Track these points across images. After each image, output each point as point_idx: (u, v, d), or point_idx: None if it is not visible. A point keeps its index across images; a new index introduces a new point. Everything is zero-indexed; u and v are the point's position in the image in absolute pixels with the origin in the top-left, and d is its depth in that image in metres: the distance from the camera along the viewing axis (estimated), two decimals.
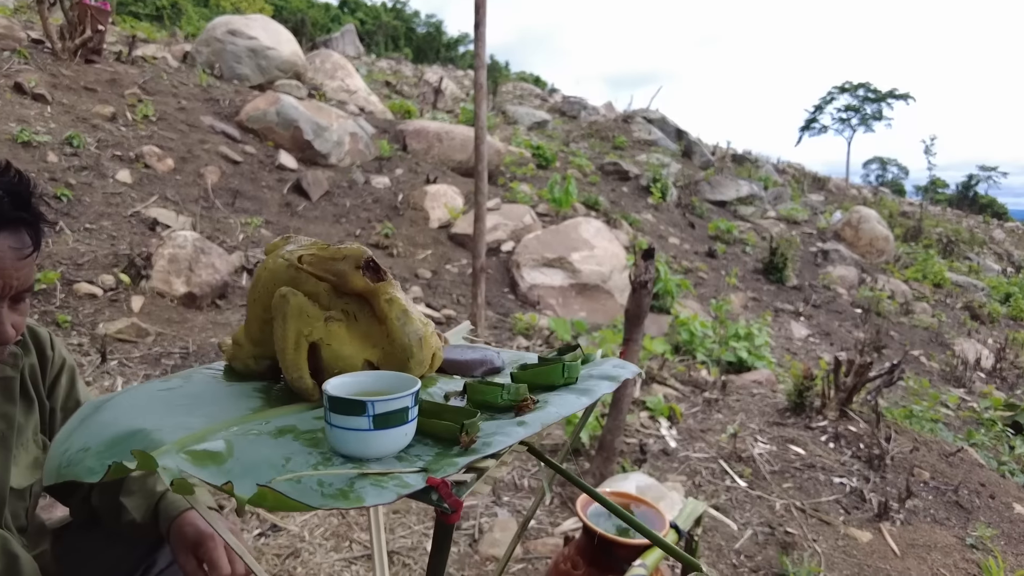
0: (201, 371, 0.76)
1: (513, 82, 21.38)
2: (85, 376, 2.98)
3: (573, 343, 0.87)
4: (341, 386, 0.60)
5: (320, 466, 0.52)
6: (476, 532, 2.54)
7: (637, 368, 0.82)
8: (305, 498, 0.46)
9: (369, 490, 0.49)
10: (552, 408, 0.67)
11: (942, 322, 9.09)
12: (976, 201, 36.85)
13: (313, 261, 0.69)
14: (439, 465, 0.54)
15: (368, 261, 0.69)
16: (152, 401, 0.63)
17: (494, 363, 0.84)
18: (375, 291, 0.69)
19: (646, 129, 14.02)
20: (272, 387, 0.73)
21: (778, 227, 11.52)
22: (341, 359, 0.68)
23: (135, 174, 5.29)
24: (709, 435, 3.72)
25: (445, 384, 0.77)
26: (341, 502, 0.47)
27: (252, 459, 0.51)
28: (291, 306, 0.67)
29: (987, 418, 4.98)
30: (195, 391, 0.67)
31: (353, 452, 0.55)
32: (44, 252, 3.86)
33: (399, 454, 0.57)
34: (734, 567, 2.56)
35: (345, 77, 10.11)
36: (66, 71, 6.21)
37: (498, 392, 0.67)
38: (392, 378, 0.63)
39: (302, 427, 0.59)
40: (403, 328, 0.69)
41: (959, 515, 3.13)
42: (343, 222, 6.26)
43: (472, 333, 1.15)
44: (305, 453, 0.54)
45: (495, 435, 0.60)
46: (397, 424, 0.55)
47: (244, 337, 0.74)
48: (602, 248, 6.51)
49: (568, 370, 0.75)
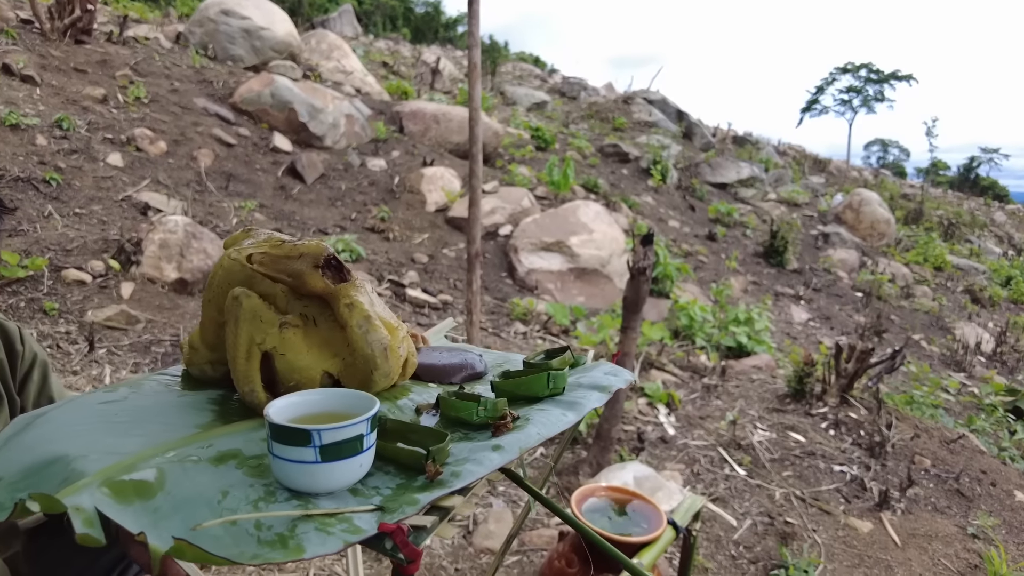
0: (154, 379, 0.70)
1: (512, 62, 21.12)
2: (72, 365, 2.92)
3: (562, 345, 0.80)
4: (287, 408, 0.53)
5: (261, 502, 0.46)
6: (471, 524, 2.50)
7: (631, 376, 0.76)
8: (238, 546, 0.40)
9: (312, 536, 0.43)
10: (533, 428, 0.60)
11: (943, 306, 9.03)
12: (978, 183, 36.65)
13: (265, 261, 0.62)
14: (397, 504, 0.47)
15: (328, 259, 0.62)
16: (89, 418, 0.56)
17: (475, 368, 0.77)
18: (335, 294, 0.62)
19: (646, 110, 13.86)
20: (229, 397, 0.66)
21: (779, 210, 11.42)
22: (297, 371, 0.62)
23: (126, 157, 5.19)
24: (708, 422, 3.68)
25: (419, 394, 0.71)
26: (278, 552, 0.41)
27: (185, 493, 0.45)
28: (243, 310, 0.60)
29: (988, 403, 4.94)
30: (141, 404, 0.61)
31: (299, 487, 0.48)
32: (32, 238, 3.80)
33: (354, 486, 0.51)
34: (733, 558, 2.52)
35: (341, 58, 9.95)
36: (55, 52, 6.09)
37: (473, 408, 0.61)
38: (349, 397, 0.56)
39: (248, 452, 0.53)
40: (365, 337, 0.62)
41: (960, 504, 3.10)
42: (338, 205, 6.18)
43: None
44: (246, 485, 0.48)
45: (466, 462, 0.53)
46: (349, 455, 0.49)
47: (200, 341, 0.68)
48: (601, 232, 6.43)
49: (554, 380, 0.69)
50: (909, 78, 38.31)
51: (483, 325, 4.76)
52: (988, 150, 42.10)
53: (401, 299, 4.85)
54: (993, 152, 42.03)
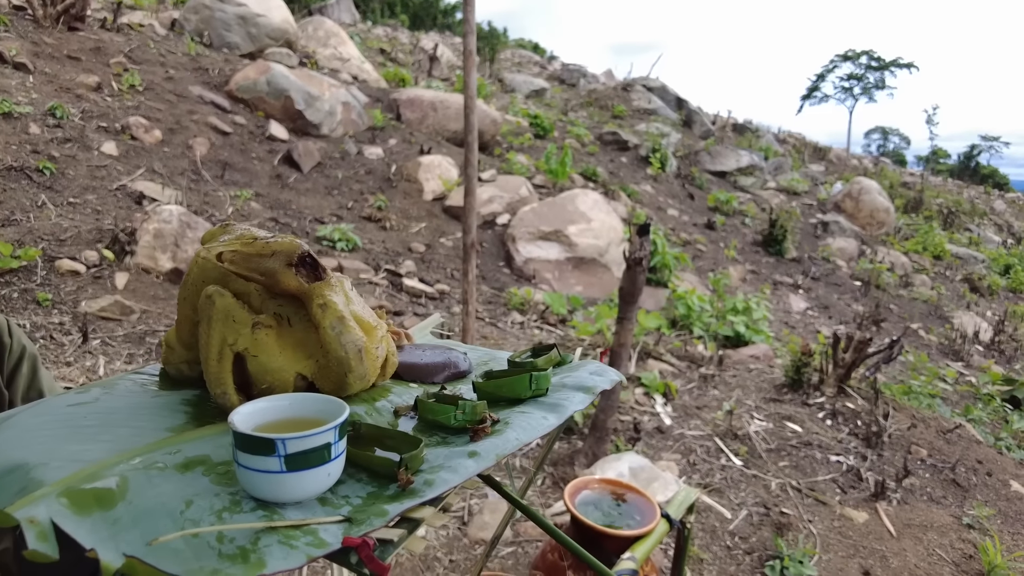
0: (129, 378, 0.68)
1: (511, 49, 20.98)
2: (66, 356, 2.91)
3: (548, 344, 0.79)
4: (253, 415, 0.52)
5: (226, 512, 0.44)
6: (465, 515, 2.50)
7: (617, 376, 0.74)
8: (198, 561, 0.38)
9: (275, 550, 0.41)
10: (512, 433, 0.59)
11: (941, 295, 9.02)
12: (978, 172, 36.55)
13: (236, 259, 0.60)
14: (366, 515, 0.46)
15: (303, 257, 0.60)
16: (55, 422, 0.55)
17: (459, 367, 0.76)
18: (309, 293, 0.60)
19: (646, 98, 13.79)
20: (205, 398, 0.64)
21: (778, 198, 11.39)
22: (269, 373, 0.60)
23: (121, 146, 5.15)
24: (705, 412, 3.67)
25: (399, 395, 0.69)
26: (238, 567, 0.39)
27: (147, 503, 0.43)
28: (216, 309, 0.58)
29: (985, 393, 4.94)
30: (112, 406, 0.59)
31: (264, 496, 0.47)
32: (25, 228, 3.77)
33: (323, 495, 0.49)
34: (728, 549, 2.52)
35: (338, 45, 9.87)
36: (48, 39, 6.03)
37: (451, 411, 0.59)
38: (319, 403, 0.54)
39: (216, 458, 0.51)
40: (338, 338, 0.60)
41: (956, 493, 3.10)
42: (335, 194, 6.14)
43: (442, 328, 1.07)
44: (212, 494, 0.47)
45: (441, 470, 0.52)
46: (316, 464, 0.47)
47: (176, 340, 0.66)
48: (599, 221, 6.40)
49: (536, 381, 0.67)
50: (910, 66, 38.10)
51: (480, 315, 4.74)
52: (989, 138, 41.95)
53: (398, 289, 4.83)
54: (994, 140, 41.87)
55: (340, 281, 0.64)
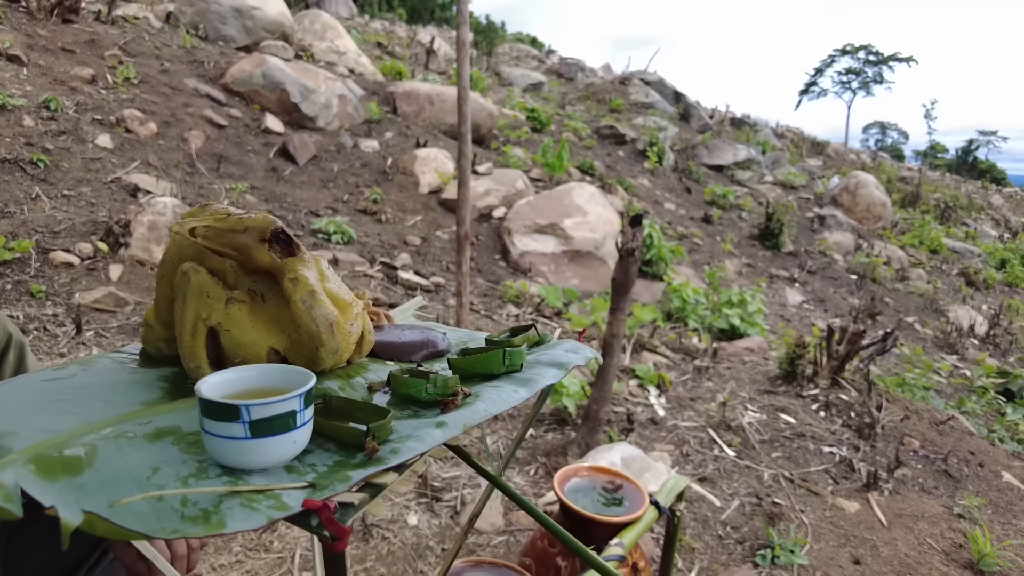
0: (108, 356, 0.68)
1: (510, 43, 20.94)
2: (60, 348, 2.91)
3: (527, 324, 0.79)
4: (220, 384, 0.52)
5: (192, 479, 0.45)
6: (458, 504, 2.51)
7: (592, 353, 0.75)
8: (160, 522, 0.39)
9: (236, 512, 0.42)
10: (482, 405, 0.59)
11: (937, 289, 9.04)
12: (976, 166, 36.57)
13: (209, 234, 0.60)
14: (329, 480, 0.46)
15: (276, 233, 0.61)
16: (28, 396, 0.55)
17: (437, 346, 0.76)
18: (281, 268, 0.61)
19: (643, 92, 13.77)
20: (183, 376, 0.65)
21: (775, 192, 11.39)
22: (242, 347, 0.60)
23: (116, 139, 5.14)
24: (698, 404, 3.68)
25: (375, 372, 0.69)
26: (199, 527, 0.40)
27: (114, 470, 0.44)
28: (191, 285, 0.59)
29: (979, 385, 4.96)
30: (88, 382, 0.60)
31: (230, 463, 0.47)
32: (18, 220, 3.77)
33: (291, 463, 0.50)
34: (720, 539, 2.53)
35: (335, 38, 9.84)
36: (42, 31, 6.01)
37: (423, 385, 0.60)
38: (286, 373, 0.55)
39: (187, 428, 0.52)
40: (309, 312, 0.60)
41: (947, 484, 3.11)
42: (330, 187, 6.14)
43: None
44: (179, 462, 0.47)
45: (408, 439, 0.52)
46: (281, 431, 0.47)
47: (154, 318, 0.67)
48: (595, 214, 6.41)
49: (510, 356, 0.67)
50: (909, 60, 38.08)
51: (475, 307, 4.75)
52: (986, 133, 41.97)
53: (393, 281, 4.83)
54: (991, 135, 41.90)
55: (315, 259, 0.65)
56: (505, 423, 3.15)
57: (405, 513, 2.41)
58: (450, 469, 2.72)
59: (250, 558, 2.08)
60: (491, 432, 3.09)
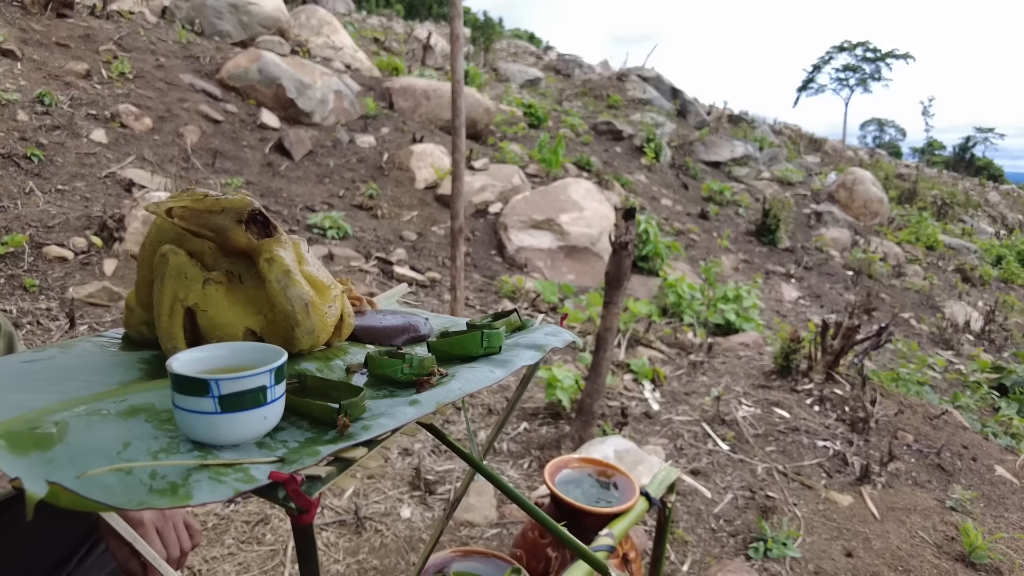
0: (89, 340, 0.69)
1: (507, 39, 20.92)
2: (52, 342, 2.90)
3: (509, 309, 0.79)
4: (193, 362, 0.52)
5: (163, 453, 0.45)
6: (451, 497, 2.51)
7: (571, 336, 0.75)
8: (127, 494, 0.39)
9: (204, 485, 0.42)
10: (456, 384, 0.59)
11: (933, 284, 9.06)
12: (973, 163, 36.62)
13: (186, 215, 0.60)
14: (299, 455, 0.47)
15: (253, 214, 0.61)
16: (5, 375, 0.55)
17: (419, 330, 0.76)
18: (257, 249, 0.61)
19: (641, 88, 13.76)
20: (164, 357, 0.65)
21: (772, 188, 11.40)
22: (218, 327, 0.60)
23: (111, 134, 5.13)
24: (693, 398, 3.69)
25: (355, 355, 0.70)
26: (166, 499, 0.40)
27: (84, 445, 0.44)
28: (170, 266, 0.59)
29: (973, 381, 4.97)
30: (66, 363, 0.60)
31: (201, 438, 0.48)
32: (12, 214, 3.76)
33: (262, 440, 0.50)
34: (712, 531, 2.54)
35: (331, 33, 9.82)
36: (36, 25, 5.99)
37: (398, 365, 0.60)
38: (259, 351, 0.55)
39: (161, 406, 0.52)
40: (284, 292, 0.60)
41: (940, 478, 3.12)
42: (326, 182, 6.13)
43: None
44: (151, 438, 0.47)
45: (380, 416, 0.52)
46: (251, 406, 0.48)
47: (135, 301, 0.67)
48: (592, 210, 6.41)
49: (488, 339, 0.67)
50: (906, 56, 38.09)
51: (471, 303, 4.75)
52: (983, 130, 42.02)
53: (389, 277, 4.83)
54: (988, 132, 41.96)
55: (294, 242, 0.65)
56: (498, 416, 3.16)
57: (398, 506, 2.41)
58: (444, 462, 2.73)
59: (242, 550, 2.08)
60: (485, 426, 3.09)
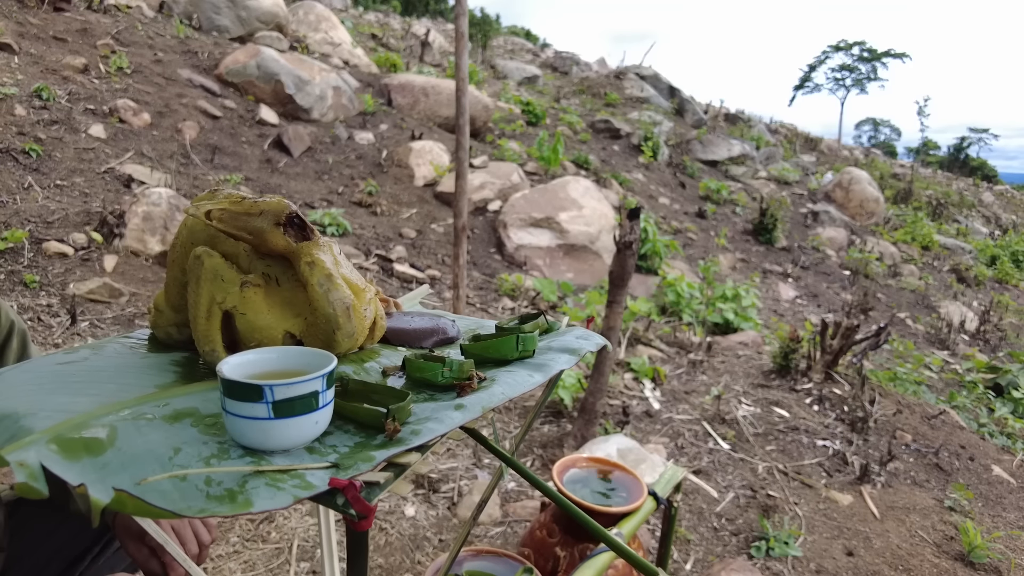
0: (118, 341, 0.68)
1: (504, 36, 20.88)
2: (54, 338, 2.89)
3: (535, 311, 0.80)
4: (242, 366, 0.52)
5: (214, 459, 0.45)
6: (455, 495, 2.52)
7: (602, 339, 0.75)
8: (185, 500, 0.39)
9: (262, 491, 0.42)
10: (498, 388, 0.60)
11: (929, 284, 9.10)
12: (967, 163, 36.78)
13: (224, 217, 0.60)
14: (352, 460, 0.47)
15: (291, 217, 0.61)
16: (42, 378, 0.55)
17: (447, 332, 0.76)
18: (297, 252, 0.61)
19: (638, 86, 13.76)
20: (194, 359, 0.65)
21: (769, 187, 11.42)
22: (257, 330, 0.60)
23: (109, 129, 5.11)
24: (693, 397, 3.70)
25: (387, 357, 0.70)
26: (226, 506, 0.40)
27: (135, 450, 0.44)
28: (205, 269, 0.59)
29: (969, 380, 5.00)
30: (100, 365, 0.60)
31: (252, 444, 0.48)
32: (11, 210, 3.74)
33: (311, 444, 0.50)
34: (715, 530, 2.55)
35: (329, 29, 9.79)
36: (33, 19, 5.95)
37: (439, 369, 0.60)
38: (306, 355, 0.55)
39: (205, 410, 0.52)
40: (326, 296, 0.61)
41: (939, 477, 3.14)
42: (325, 179, 6.12)
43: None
44: (200, 443, 0.47)
45: (427, 421, 0.53)
46: (303, 412, 0.48)
47: (164, 303, 0.67)
48: (591, 208, 6.41)
49: (523, 342, 0.68)
50: (903, 56, 38.21)
51: (470, 300, 4.75)
52: (978, 130, 42.20)
53: (389, 274, 4.83)
54: (983, 132, 42.14)
55: (328, 243, 0.65)
56: (502, 415, 3.16)
57: (402, 504, 2.41)
58: (447, 460, 2.73)
59: (248, 548, 2.08)
60: (484, 424, 3.09)
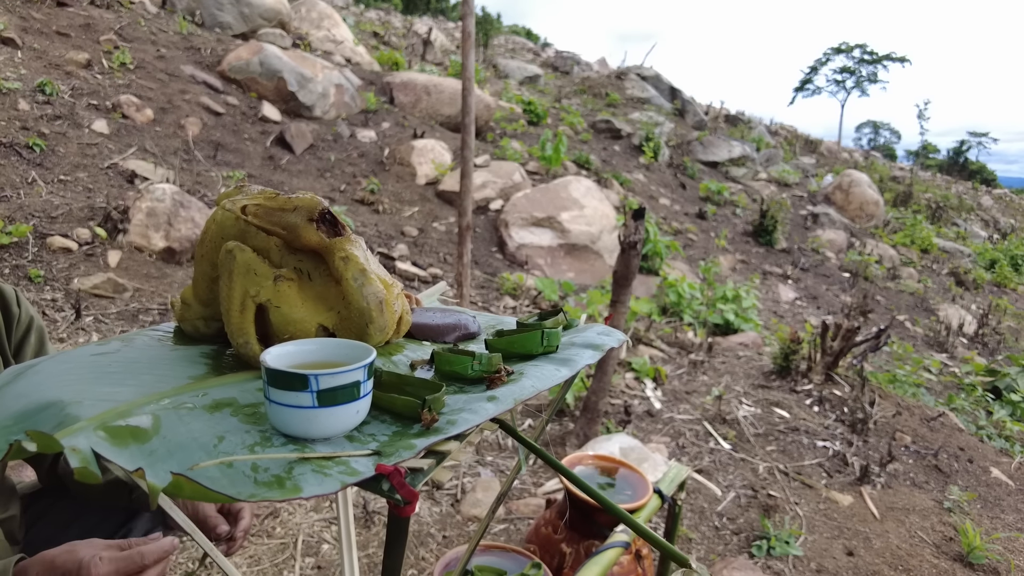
0: (146, 333, 0.70)
1: (505, 35, 20.89)
2: (59, 333, 2.90)
3: (555, 307, 0.81)
4: (283, 356, 0.54)
5: (257, 447, 0.46)
6: (459, 492, 2.53)
7: (623, 335, 0.77)
8: (235, 486, 0.40)
9: (309, 477, 0.43)
10: (528, 381, 0.61)
11: (928, 287, 9.13)
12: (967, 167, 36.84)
13: (259, 212, 0.62)
14: (394, 448, 0.48)
15: (323, 213, 0.62)
16: (81, 368, 0.56)
17: (469, 328, 0.78)
18: (330, 247, 0.62)
19: (640, 86, 13.78)
20: (222, 352, 0.66)
21: (769, 189, 11.44)
22: (291, 323, 0.62)
23: (112, 124, 5.11)
24: (694, 397, 3.72)
25: (413, 351, 0.71)
26: (275, 491, 0.41)
27: (180, 438, 0.45)
28: (237, 263, 0.60)
29: (968, 383, 5.02)
30: (133, 356, 0.61)
31: (295, 432, 0.49)
32: (15, 204, 3.74)
33: (350, 433, 0.51)
34: (716, 529, 2.56)
35: (331, 27, 9.79)
36: (37, 14, 5.95)
37: (468, 362, 0.61)
38: (344, 347, 0.56)
39: (243, 400, 0.53)
40: (360, 290, 0.62)
41: (938, 479, 3.16)
42: (327, 177, 6.12)
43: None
44: (242, 431, 0.48)
45: (462, 412, 0.54)
46: (345, 401, 0.49)
47: (192, 296, 0.68)
48: (592, 208, 6.42)
49: (548, 337, 0.69)
50: (903, 59, 38.26)
51: (473, 299, 4.76)
52: (977, 134, 42.27)
53: (391, 272, 4.83)
54: (982, 136, 42.21)
55: (358, 240, 0.66)
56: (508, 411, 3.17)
57: None
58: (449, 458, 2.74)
59: (253, 543, 2.09)
60: None
